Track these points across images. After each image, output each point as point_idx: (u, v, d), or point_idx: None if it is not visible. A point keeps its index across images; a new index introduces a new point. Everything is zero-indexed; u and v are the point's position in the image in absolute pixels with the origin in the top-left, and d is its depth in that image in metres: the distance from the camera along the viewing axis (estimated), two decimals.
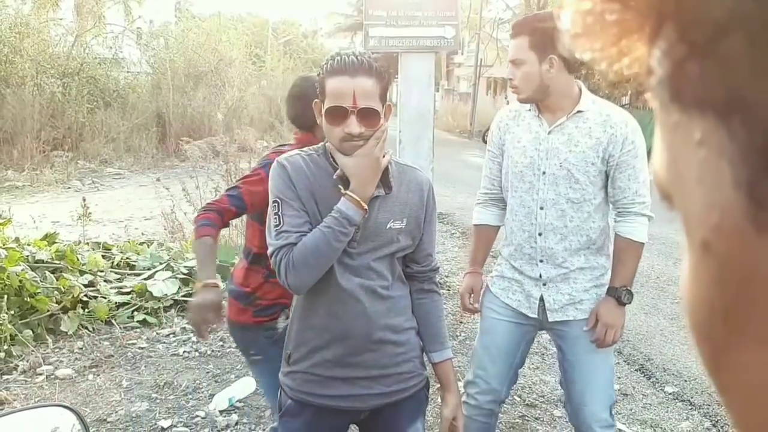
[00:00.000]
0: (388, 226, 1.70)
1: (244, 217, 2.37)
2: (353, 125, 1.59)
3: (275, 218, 1.66)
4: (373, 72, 1.61)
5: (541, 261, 2.25)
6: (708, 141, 0.22)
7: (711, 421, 3.37)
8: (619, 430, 3.23)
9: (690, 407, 3.53)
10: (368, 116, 1.61)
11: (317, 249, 1.61)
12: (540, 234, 2.22)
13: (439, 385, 1.89)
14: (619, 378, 3.84)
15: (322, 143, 1.75)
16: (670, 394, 3.68)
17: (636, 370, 3.99)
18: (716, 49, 0.21)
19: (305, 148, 1.76)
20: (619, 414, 3.41)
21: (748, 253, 0.22)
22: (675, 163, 0.25)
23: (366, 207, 1.62)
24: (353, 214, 1.60)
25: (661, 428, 3.31)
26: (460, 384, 3.50)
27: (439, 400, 1.91)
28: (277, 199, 1.67)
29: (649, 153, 0.36)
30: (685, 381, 3.80)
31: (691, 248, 0.25)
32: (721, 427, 3.29)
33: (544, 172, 2.20)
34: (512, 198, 2.29)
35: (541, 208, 2.21)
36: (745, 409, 0.24)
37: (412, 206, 1.74)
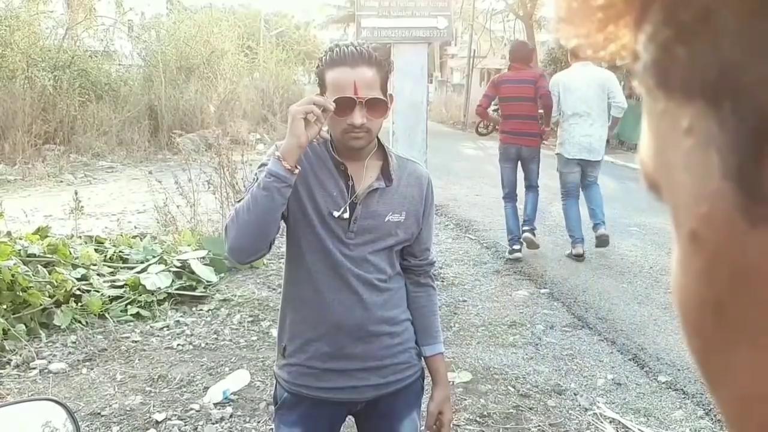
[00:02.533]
0: (387, 218, 1.69)
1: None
2: (357, 116, 1.58)
3: (252, 181, 1.65)
4: (373, 62, 1.61)
5: None
6: (696, 128, 0.22)
7: (704, 409, 3.39)
8: (613, 419, 3.25)
9: (683, 396, 3.55)
10: (374, 107, 1.61)
11: (246, 203, 1.58)
12: None
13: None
14: (613, 368, 3.86)
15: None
16: (663, 383, 3.70)
17: (629, 359, 4.00)
18: (704, 30, 0.20)
19: None
20: (613, 403, 3.42)
21: (738, 246, 0.21)
22: (662, 152, 0.24)
23: (284, 162, 1.53)
24: (272, 166, 1.55)
25: (654, 417, 3.32)
26: (453, 375, 3.53)
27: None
28: (262, 164, 1.64)
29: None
30: (679, 370, 3.81)
31: (679, 239, 0.24)
32: (714, 415, 3.31)
33: None
34: None
35: None
36: (735, 409, 0.23)
37: (411, 200, 1.74)
